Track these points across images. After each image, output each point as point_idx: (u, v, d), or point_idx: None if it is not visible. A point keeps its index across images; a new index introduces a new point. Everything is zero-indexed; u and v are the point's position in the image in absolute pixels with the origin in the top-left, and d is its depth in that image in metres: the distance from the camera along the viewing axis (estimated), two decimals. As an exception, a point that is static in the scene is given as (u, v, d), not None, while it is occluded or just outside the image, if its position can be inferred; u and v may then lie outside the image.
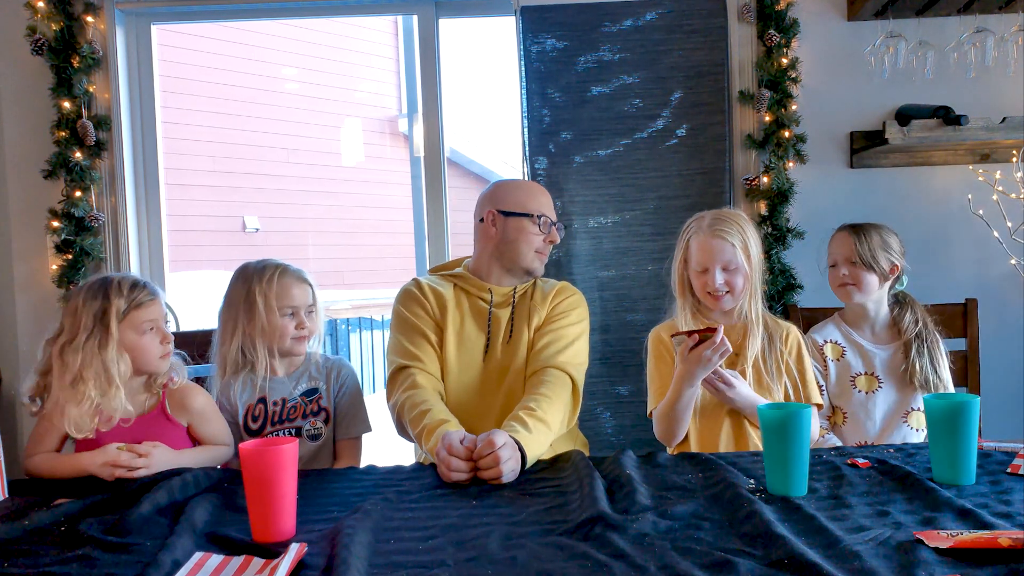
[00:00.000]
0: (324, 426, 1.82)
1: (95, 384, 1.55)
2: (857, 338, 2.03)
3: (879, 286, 2.00)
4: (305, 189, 7.30)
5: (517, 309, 1.90)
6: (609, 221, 2.68)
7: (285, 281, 1.79)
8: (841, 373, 2.01)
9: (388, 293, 6.52)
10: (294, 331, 1.79)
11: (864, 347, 2.02)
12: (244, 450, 1.19)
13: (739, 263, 1.83)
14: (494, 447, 1.45)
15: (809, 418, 1.32)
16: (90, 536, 1.19)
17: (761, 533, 1.11)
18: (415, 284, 1.95)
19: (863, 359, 2.01)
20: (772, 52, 2.62)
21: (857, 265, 1.98)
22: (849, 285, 2.00)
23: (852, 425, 1.98)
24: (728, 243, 1.83)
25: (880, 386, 1.97)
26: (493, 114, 8.41)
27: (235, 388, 1.79)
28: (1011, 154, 2.56)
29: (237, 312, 1.79)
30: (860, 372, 2.00)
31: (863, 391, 1.98)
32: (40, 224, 2.66)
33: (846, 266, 1.99)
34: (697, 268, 1.87)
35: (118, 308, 1.58)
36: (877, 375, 1.98)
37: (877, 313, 2.03)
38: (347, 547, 1.08)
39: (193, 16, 2.94)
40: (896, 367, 1.98)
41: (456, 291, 1.93)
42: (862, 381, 1.99)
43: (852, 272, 1.99)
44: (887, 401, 1.97)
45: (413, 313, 1.88)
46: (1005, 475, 1.38)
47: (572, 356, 1.84)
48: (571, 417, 1.82)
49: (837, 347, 2.04)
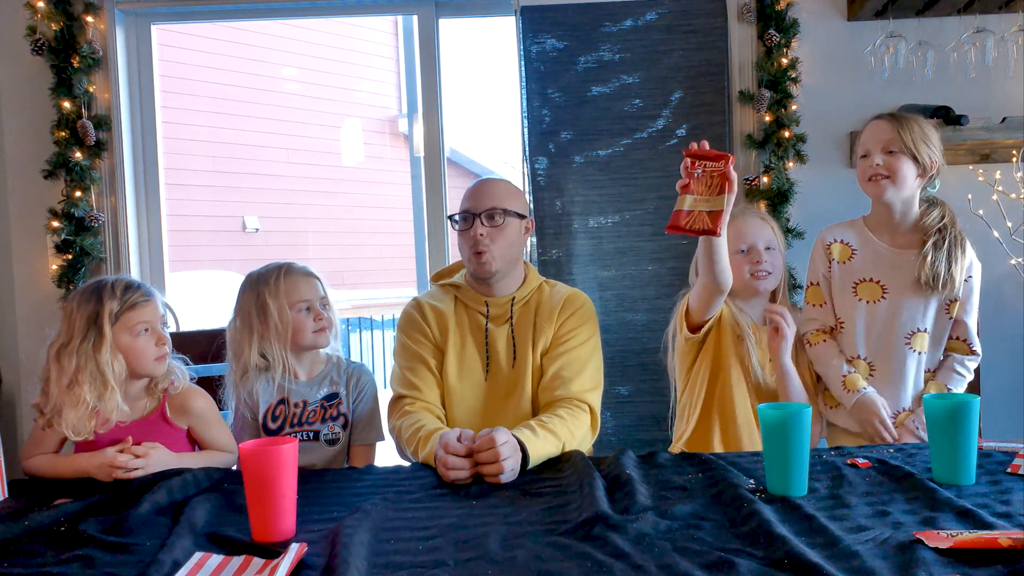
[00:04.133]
0: (342, 431, 1.82)
1: (90, 387, 1.55)
2: (875, 240, 1.86)
3: (914, 183, 1.81)
4: (305, 189, 7.30)
5: (517, 327, 1.80)
6: (609, 221, 2.68)
7: (292, 278, 1.79)
8: (844, 277, 1.86)
9: (388, 293, 6.51)
10: (313, 324, 1.79)
11: (880, 250, 1.84)
12: (244, 450, 1.19)
13: (777, 246, 1.92)
14: (494, 443, 1.43)
15: (809, 418, 1.32)
16: (90, 536, 1.19)
17: (761, 533, 1.11)
18: (416, 306, 1.85)
19: (875, 263, 1.84)
20: (772, 52, 2.62)
21: (895, 154, 1.78)
22: (883, 178, 1.79)
23: (848, 336, 1.86)
24: (767, 225, 1.94)
25: (884, 297, 1.82)
26: (493, 114, 8.41)
27: (258, 386, 1.79)
28: (1011, 154, 2.56)
29: (251, 319, 1.78)
30: (865, 278, 1.83)
31: (864, 300, 1.84)
32: (40, 224, 2.66)
33: (881, 155, 1.79)
34: (737, 249, 1.88)
35: (111, 310, 1.58)
36: (884, 284, 1.82)
37: (904, 215, 1.83)
38: (347, 547, 1.08)
39: (193, 16, 2.94)
40: (909, 274, 1.80)
41: (457, 306, 1.84)
42: (864, 289, 1.83)
43: (888, 162, 1.78)
44: (888, 315, 1.81)
45: (413, 340, 1.81)
46: (1005, 475, 1.38)
47: (586, 382, 1.75)
48: (586, 443, 1.73)
49: (846, 248, 1.88)
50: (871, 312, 1.83)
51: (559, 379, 1.74)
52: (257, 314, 1.78)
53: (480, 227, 1.76)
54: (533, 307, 1.82)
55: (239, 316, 1.81)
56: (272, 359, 1.77)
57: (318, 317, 1.79)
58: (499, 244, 1.77)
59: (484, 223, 1.76)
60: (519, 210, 1.82)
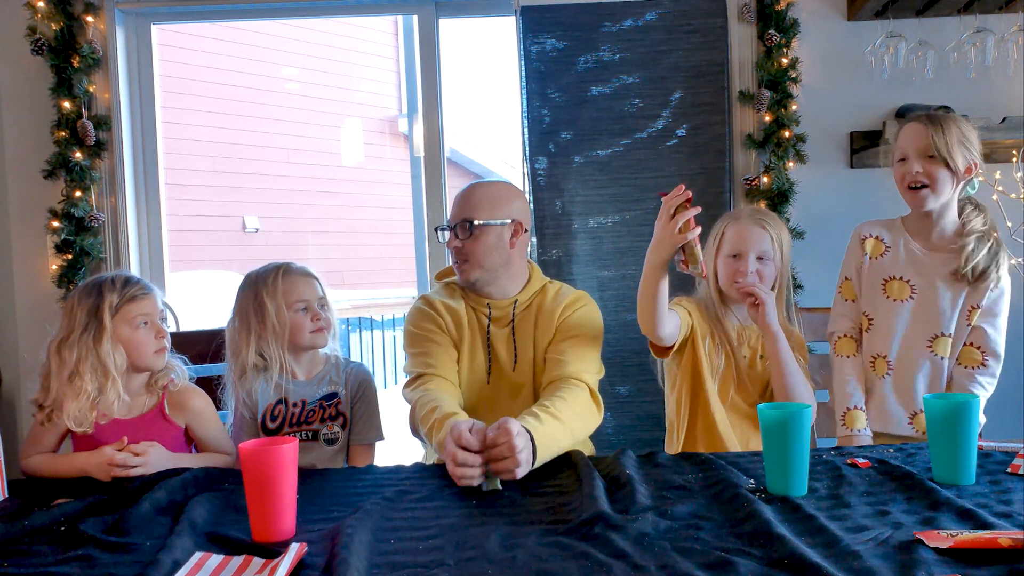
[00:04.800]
0: (341, 431, 1.82)
1: (91, 378, 1.57)
2: (910, 240, 1.84)
3: (952, 188, 1.76)
4: (305, 189, 7.31)
5: (518, 328, 1.79)
6: (609, 221, 2.68)
7: (290, 278, 1.79)
8: (875, 273, 1.85)
9: (388, 293, 6.52)
10: (311, 324, 1.79)
11: (913, 250, 1.82)
12: (244, 450, 1.19)
13: (772, 256, 1.83)
14: (510, 435, 1.37)
15: (809, 418, 1.32)
16: (90, 536, 1.18)
17: (761, 533, 1.11)
18: (426, 303, 1.81)
19: (907, 262, 1.82)
20: (772, 52, 2.62)
21: (934, 160, 1.73)
22: (923, 188, 1.75)
23: (876, 334, 1.84)
24: (767, 233, 1.83)
25: (912, 297, 1.80)
26: (493, 114, 8.42)
27: (257, 386, 1.79)
28: (1011, 154, 2.55)
29: (249, 319, 1.79)
30: (895, 276, 1.82)
31: (891, 298, 1.82)
32: (40, 224, 2.66)
33: (919, 161, 1.74)
34: (730, 253, 1.83)
35: (111, 303, 1.60)
36: (913, 284, 1.80)
37: (941, 217, 1.79)
38: (347, 547, 1.08)
39: (193, 16, 2.94)
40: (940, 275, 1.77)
41: (466, 306, 1.81)
42: (893, 287, 1.82)
43: (927, 169, 1.73)
44: (914, 316, 1.80)
45: (427, 331, 1.77)
46: (1005, 475, 1.38)
47: (584, 364, 1.74)
48: (592, 421, 1.70)
49: (880, 244, 1.86)
50: (898, 311, 1.82)
51: (557, 363, 1.73)
52: (255, 314, 1.78)
53: (453, 239, 1.77)
54: (535, 310, 1.81)
55: (237, 316, 1.82)
56: (270, 359, 1.78)
57: (315, 317, 1.79)
58: (475, 254, 1.75)
59: (457, 235, 1.77)
60: (497, 218, 1.77)
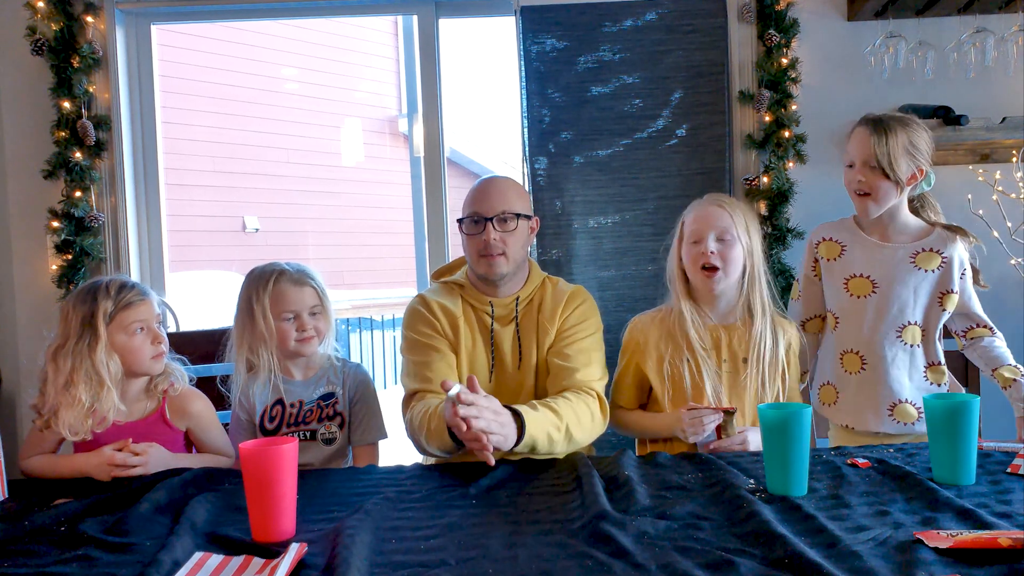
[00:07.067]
0: (339, 431, 1.82)
1: (86, 387, 1.56)
2: (864, 236, 1.87)
3: (897, 194, 1.79)
4: (305, 189, 7.31)
5: (522, 326, 1.79)
6: (609, 221, 2.68)
7: (280, 287, 1.78)
8: (836, 274, 1.88)
9: (388, 293, 6.51)
10: (296, 334, 1.78)
11: (868, 245, 1.86)
12: (244, 450, 1.19)
13: (735, 235, 1.74)
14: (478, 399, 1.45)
15: (809, 418, 1.32)
16: (90, 536, 1.19)
17: (761, 533, 1.11)
18: (422, 303, 1.80)
19: (864, 258, 1.85)
20: (772, 52, 2.62)
21: (875, 170, 1.77)
22: (865, 197, 1.80)
23: (845, 330, 1.87)
24: (725, 212, 1.76)
25: (874, 292, 1.83)
26: (493, 114, 8.42)
27: (255, 388, 1.79)
28: (1011, 154, 2.56)
29: (244, 319, 1.80)
30: (856, 274, 1.85)
31: (854, 295, 1.85)
32: (40, 224, 2.66)
33: (863, 171, 1.79)
34: (692, 239, 1.78)
35: (105, 310, 1.59)
36: (873, 279, 1.83)
37: (893, 217, 1.84)
38: (348, 547, 1.08)
39: (193, 16, 2.94)
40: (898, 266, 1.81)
41: (464, 305, 1.80)
42: (855, 284, 1.84)
43: (869, 179, 1.78)
44: (878, 309, 1.82)
45: (424, 335, 1.76)
46: (1005, 475, 1.38)
47: (593, 371, 1.75)
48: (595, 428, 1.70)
49: (835, 245, 1.89)
50: (862, 306, 1.85)
51: (566, 370, 1.73)
52: (246, 317, 1.79)
53: (492, 231, 1.73)
54: (536, 306, 1.81)
55: (239, 312, 1.83)
56: (261, 361, 1.78)
57: (302, 327, 1.78)
58: (512, 247, 1.75)
59: (496, 227, 1.73)
60: (527, 211, 1.80)
